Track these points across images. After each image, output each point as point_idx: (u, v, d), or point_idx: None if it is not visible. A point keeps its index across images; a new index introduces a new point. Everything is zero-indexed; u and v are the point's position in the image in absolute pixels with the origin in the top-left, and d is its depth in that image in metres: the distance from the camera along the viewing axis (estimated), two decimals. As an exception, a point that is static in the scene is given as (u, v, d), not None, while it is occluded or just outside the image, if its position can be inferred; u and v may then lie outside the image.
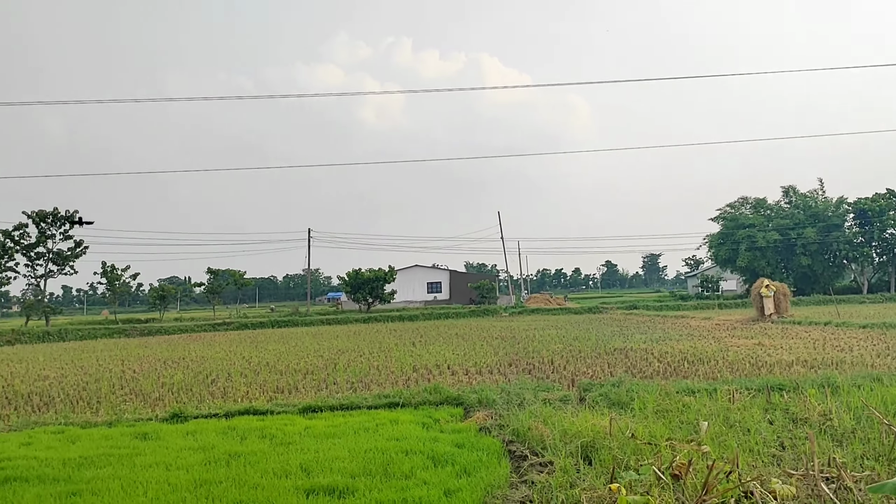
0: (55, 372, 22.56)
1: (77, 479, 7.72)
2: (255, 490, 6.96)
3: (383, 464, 7.91)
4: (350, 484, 7.11)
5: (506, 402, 11.47)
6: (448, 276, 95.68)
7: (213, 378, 18.72)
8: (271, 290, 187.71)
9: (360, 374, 18.20)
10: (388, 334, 36.30)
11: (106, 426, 11.51)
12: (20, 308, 76.22)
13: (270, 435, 9.91)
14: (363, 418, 11.07)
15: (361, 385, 16.20)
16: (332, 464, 7.98)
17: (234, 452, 8.75)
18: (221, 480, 7.39)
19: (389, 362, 20.82)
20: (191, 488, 7.12)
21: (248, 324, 54.42)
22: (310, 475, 7.56)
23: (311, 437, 9.73)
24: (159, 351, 31.16)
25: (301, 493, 6.83)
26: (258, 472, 7.69)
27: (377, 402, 12.52)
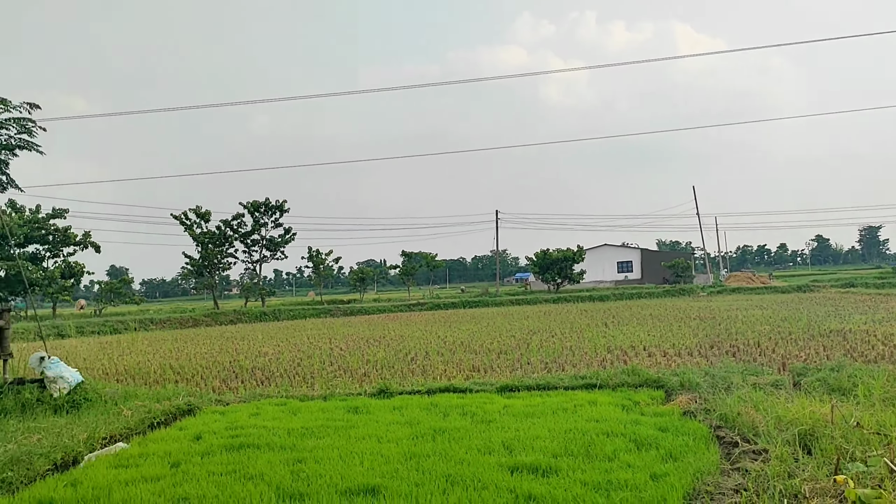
0: (272, 349, 24.70)
1: (300, 448, 8.42)
2: (462, 465, 7.19)
3: (584, 445, 7.87)
4: (552, 463, 7.15)
5: (711, 385, 10.97)
6: (639, 254, 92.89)
7: (413, 356, 19.58)
8: (461, 272, 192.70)
9: (554, 354, 18.21)
10: (579, 315, 35.97)
11: (321, 400, 12.44)
12: (239, 290, 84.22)
13: (471, 412, 10.20)
14: (560, 399, 11.08)
15: (556, 366, 16.21)
16: (533, 443, 8.07)
17: (439, 428, 9.10)
18: (429, 454, 7.72)
19: (582, 343, 20.64)
20: (402, 460, 7.52)
21: (441, 304, 56.28)
22: (512, 453, 7.70)
23: (511, 415, 9.89)
24: (361, 330, 33.11)
25: (505, 470, 6.97)
26: (462, 448, 7.95)
27: (573, 382, 12.47)
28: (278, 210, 64.92)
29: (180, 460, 8.07)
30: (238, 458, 8.04)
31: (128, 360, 22.94)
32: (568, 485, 6.44)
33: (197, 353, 24.63)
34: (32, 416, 11.61)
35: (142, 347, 28.50)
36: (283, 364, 19.46)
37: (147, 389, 14.93)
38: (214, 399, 13.24)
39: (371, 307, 56.71)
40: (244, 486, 6.76)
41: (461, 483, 6.59)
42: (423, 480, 6.71)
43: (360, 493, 6.41)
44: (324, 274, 76.54)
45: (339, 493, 6.44)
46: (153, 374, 18.76)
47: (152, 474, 7.45)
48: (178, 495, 6.58)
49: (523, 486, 6.39)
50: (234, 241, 65.12)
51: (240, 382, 16.57)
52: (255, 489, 6.64)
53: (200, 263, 63.92)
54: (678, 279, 74.53)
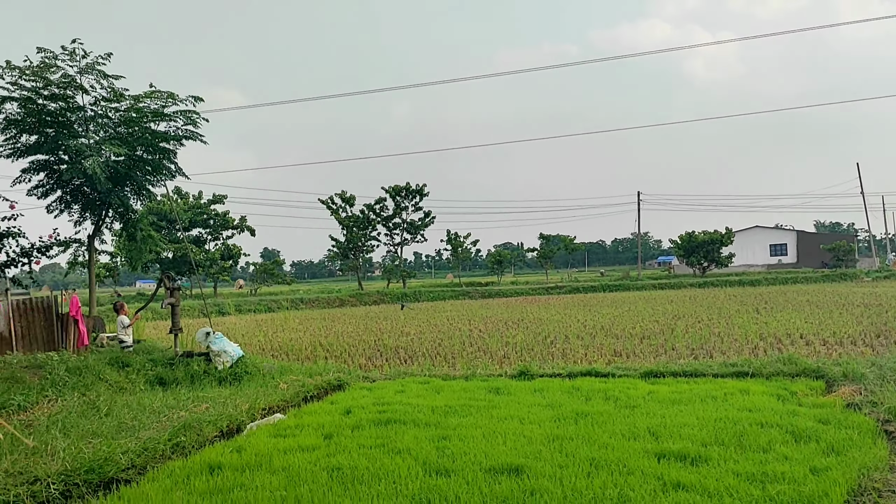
0: (414, 329, 25.38)
1: (444, 426, 8.62)
2: (606, 450, 7.10)
3: (736, 434, 7.55)
4: (702, 452, 6.91)
5: (878, 377, 10.17)
6: (794, 236, 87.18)
7: (552, 339, 19.49)
8: (600, 255, 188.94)
9: (701, 340, 17.53)
10: (727, 300, 34.38)
11: (463, 379, 12.66)
12: (381, 272, 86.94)
13: (614, 397, 10.03)
14: (709, 386, 10.67)
15: (703, 352, 15.62)
16: (680, 430, 7.83)
17: (581, 412, 9.02)
18: (572, 437, 7.68)
19: (732, 329, 19.73)
20: (544, 442, 7.52)
21: (580, 287, 55.56)
22: (658, 440, 7.51)
23: (656, 401, 9.64)
24: (499, 312, 33.32)
25: (651, 457, 6.81)
26: (606, 433, 7.84)
27: (723, 370, 11.97)
28: (418, 194, 66.39)
29: (332, 432, 8.49)
30: (386, 432, 8.36)
31: (281, 336, 24.35)
32: (719, 475, 6.21)
33: (343, 331, 25.75)
34: (200, 387, 12.60)
35: (293, 325, 30.15)
36: (424, 344, 19.96)
37: (300, 365, 15.80)
38: (362, 376, 13.80)
39: (509, 290, 56.89)
40: (392, 460, 7.02)
41: (606, 467, 6.51)
42: (567, 463, 6.69)
43: (505, 473, 6.48)
44: (462, 257, 77.53)
45: (483, 470, 6.55)
46: (304, 350, 19.81)
47: (308, 444, 7.89)
48: (332, 465, 6.92)
49: (671, 474, 6.23)
50: (377, 224, 67.32)
51: (384, 360, 17.17)
52: (403, 463, 6.87)
53: (346, 246, 66.66)
54: (839, 263, 69.35)
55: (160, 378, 13.14)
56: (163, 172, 16.83)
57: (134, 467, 7.19)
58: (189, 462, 7.34)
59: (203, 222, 59.49)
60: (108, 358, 13.57)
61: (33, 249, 16.17)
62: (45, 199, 16.57)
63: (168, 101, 16.08)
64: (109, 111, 16.11)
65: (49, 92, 15.19)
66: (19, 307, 14.51)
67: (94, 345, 15.79)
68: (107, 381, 12.25)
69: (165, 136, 16.40)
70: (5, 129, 15.55)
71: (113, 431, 8.44)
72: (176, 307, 14.98)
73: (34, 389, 11.10)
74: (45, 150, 15.78)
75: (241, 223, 61.46)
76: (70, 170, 15.29)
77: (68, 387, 11.49)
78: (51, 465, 6.78)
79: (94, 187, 15.55)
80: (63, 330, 15.09)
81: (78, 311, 15.04)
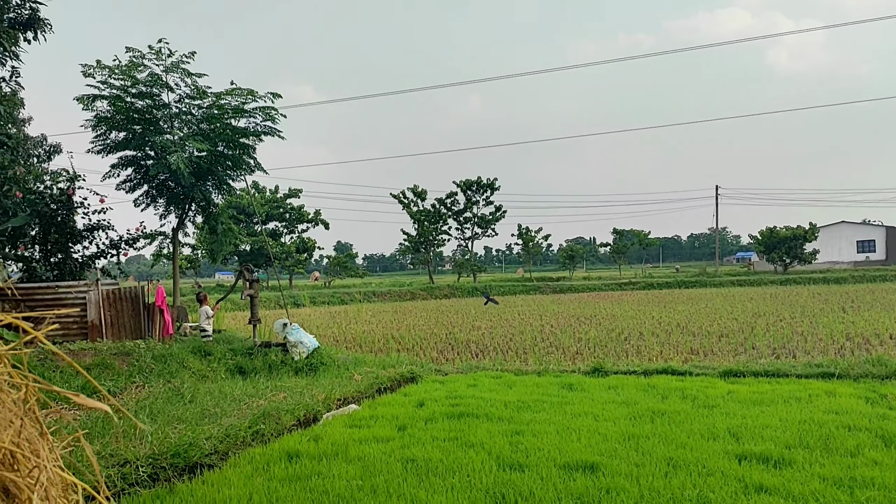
0: (486, 323, 25.39)
1: (517, 420, 8.59)
2: (684, 449, 6.94)
3: (822, 437, 7.27)
4: (785, 454, 6.67)
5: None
6: (883, 232, 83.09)
7: (626, 336, 19.18)
8: (675, 250, 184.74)
9: (783, 340, 16.94)
10: (811, 298, 33.11)
11: (535, 375, 12.59)
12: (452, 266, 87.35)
13: (692, 396, 9.80)
14: (792, 387, 10.30)
15: (785, 352, 15.09)
16: (762, 432, 7.59)
17: (657, 410, 8.85)
18: (648, 436, 7.54)
19: (816, 329, 18.99)
20: (620, 440, 7.41)
21: (654, 284, 54.49)
22: (739, 441, 7.30)
23: (736, 402, 9.37)
24: (571, 308, 32.99)
25: (732, 458, 6.63)
26: (684, 432, 7.67)
27: (807, 371, 11.54)
28: (489, 188, 66.29)
29: (406, 424, 8.58)
30: (459, 425, 8.39)
31: (354, 328, 24.75)
32: (804, 478, 5.99)
33: (415, 324, 25.97)
34: (277, 376, 12.93)
35: (366, 318, 30.60)
36: (495, 338, 19.94)
37: (373, 357, 16.02)
38: (434, 369, 13.89)
39: (580, 285, 56.28)
40: (466, 453, 7.04)
41: (684, 467, 6.37)
42: (644, 461, 6.57)
43: (579, 470, 6.41)
44: (533, 251, 77.10)
45: (557, 467, 6.50)
46: (377, 342, 20.08)
47: (382, 435, 8.00)
48: (406, 456, 7.00)
49: (753, 476, 6.04)
50: (448, 218, 67.58)
51: (455, 354, 17.23)
52: (477, 457, 6.89)
53: (417, 240, 67.14)
54: (931, 261, 65.89)
55: (240, 367, 13.55)
56: (242, 167, 17.32)
57: (216, 453, 7.43)
58: (268, 449, 7.54)
59: (279, 216, 60.95)
60: (191, 347, 14.08)
61: (121, 242, 16.94)
62: (132, 193, 17.30)
63: (248, 97, 16.53)
64: (193, 108, 16.69)
65: (137, 90, 15.83)
66: (109, 296, 15.19)
67: (178, 334, 16.41)
68: (190, 369, 12.71)
69: (245, 131, 16.87)
70: (96, 126, 16.29)
71: (196, 418, 8.75)
72: (255, 298, 15.41)
73: (123, 375, 11.62)
74: (133, 146, 16.46)
75: (315, 217, 62.68)
76: (156, 165, 15.90)
77: (154, 374, 11.98)
78: (139, 449, 7.08)
79: (178, 182, 16.13)
80: (149, 319, 15.72)
81: (163, 301, 15.65)
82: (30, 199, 15.62)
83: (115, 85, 15.67)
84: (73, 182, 16.26)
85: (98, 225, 16.57)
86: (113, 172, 17.11)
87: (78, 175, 16.37)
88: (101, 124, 16.29)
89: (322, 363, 13.89)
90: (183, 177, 15.30)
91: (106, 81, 15.59)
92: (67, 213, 16.08)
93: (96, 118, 16.17)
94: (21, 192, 15.16)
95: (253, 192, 58.26)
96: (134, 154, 16.89)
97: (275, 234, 61.31)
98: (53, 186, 16.33)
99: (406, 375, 12.87)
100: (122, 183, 17.22)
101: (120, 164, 16.99)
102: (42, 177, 17.14)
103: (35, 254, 16.29)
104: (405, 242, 69.18)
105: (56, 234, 15.97)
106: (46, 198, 15.96)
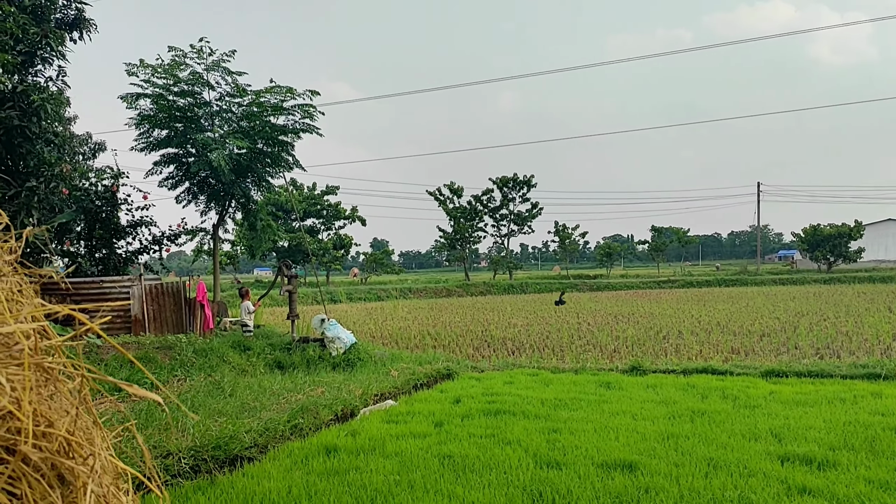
0: (522, 320, 25.31)
1: (554, 418, 8.55)
2: (724, 450, 6.84)
3: (867, 439, 7.10)
4: (829, 456, 6.54)
5: None
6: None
7: (665, 335, 18.96)
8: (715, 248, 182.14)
9: (827, 339, 16.60)
10: (856, 297, 32.36)
11: (572, 373, 12.52)
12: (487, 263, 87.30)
13: (732, 396, 9.66)
14: (837, 388, 10.09)
15: (829, 352, 14.78)
16: (805, 433, 7.44)
17: (697, 410, 8.73)
18: (688, 435, 7.44)
19: (861, 329, 18.56)
20: (659, 439, 7.33)
21: (693, 282, 53.76)
22: (781, 442, 7.17)
23: (778, 402, 9.21)
24: (608, 305, 32.72)
25: (774, 459, 6.51)
26: (724, 432, 7.55)
27: (852, 371, 11.29)
28: (525, 185, 66.08)
29: (443, 420, 8.60)
30: (495, 422, 8.38)
31: (391, 325, 24.88)
32: (849, 481, 5.86)
33: (451, 321, 26.00)
34: (315, 371, 13.06)
35: (402, 314, 30.72)
36: (532, 336, 19.87)
37: (409, 353, 16.08)
38: (470, 366, 13.90)
39: (618, 283, 55.77)
40: (503, 450, 7.03)
41: (725, 467, 6.27)
42: (683, 461, 6.49)
43: (618, 468, 6.36)
44: (569, 248, 76.70)
45: (595, 465, 6.45)
46: (413, 339, 20.16)
47: (419, 431, 8.03)
48: (443, 453, 7.01)
49: (796, 478, 5.93)
50: (484, 215, 67.52)
51: (491, 351, 17.21)
52: (514, 454, 6.87)
53: (453, 237, 67.23)
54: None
55: (278, 362, 13.71)
56: (281, 164, 17.51)
57: (256, 446, 7.53)
58: (307, 443, 7.62)
59: (317, 213, 61.55)
60: (231, 341, 14.28)
61: (164, 237, 17.26)
62: (174, 190, 17.61)
63: (286, 95, 16.69)
64: (233, 106, 16.91)
65: (179, 88, 16.09)
66: (151, 291, 15.49)
67: (218, 328, 16.66)
68: (230, 364, 12.90)
69: (284, 129, 17.04)
70: (139, 123, 16.61)
71: (237, 411, 8.88)
72: (293, 294, 15.57)
73: (165, 369, 11.85)
74: (175, 143, 16.74)
75: (352, 213, 63.14)
76: (197, 162, 16.15)
77: (195, 367, 12.19)
78: (181, 441, 7.20)
79: (218, 179, 16.37)
80: (190, 314, 16.00)
81: (204, 296, 15.91)
82: (76, 195, 16.00)
83: (157, 83, 15.96)
84: (117, 179, 16.62)
85: (141, 221, 16.91)
86: (155, 169, 17.44)
87: (122, 172, 16.74)
88: (145, 122, 16.61)
89: (359, 359, 13.98)
90: (223, 174, 15.52)
91: (149, 80, 15.89)
92: (112, 210, 16.44)
93: (140, 116, 16.49)
94: (67, 189, 15.53)
95: (291, 190, 58.89)
96: (176, 151, 17.18)
97: (312, 231, 61.90)
98: (98, 183, 16.70)
99: (442, 372, 12.90)
100: (164, 180, 17.54)
101: (162, 162, 17.30)
102: (87, 174, 17.55)
103: (80, 249, 16.68)
104: (441, 239, 69.34)
105: (101, 230, 16.33)
106: (91, 194, 16.33)
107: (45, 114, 13.63)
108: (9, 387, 1.12)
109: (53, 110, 13.95)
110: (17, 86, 13.53)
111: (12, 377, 1.15)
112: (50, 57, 14.75)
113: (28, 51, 14.00)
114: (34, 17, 13.92)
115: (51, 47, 14.38)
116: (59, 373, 1.34)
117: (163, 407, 1.38)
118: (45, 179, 14.63)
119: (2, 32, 12.45)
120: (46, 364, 1.27)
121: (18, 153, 13.87)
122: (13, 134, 13.49)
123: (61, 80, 15.52)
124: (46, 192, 14.43)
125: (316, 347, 14.39)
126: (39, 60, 14.58)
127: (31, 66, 14.52)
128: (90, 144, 25.16)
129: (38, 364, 1.24)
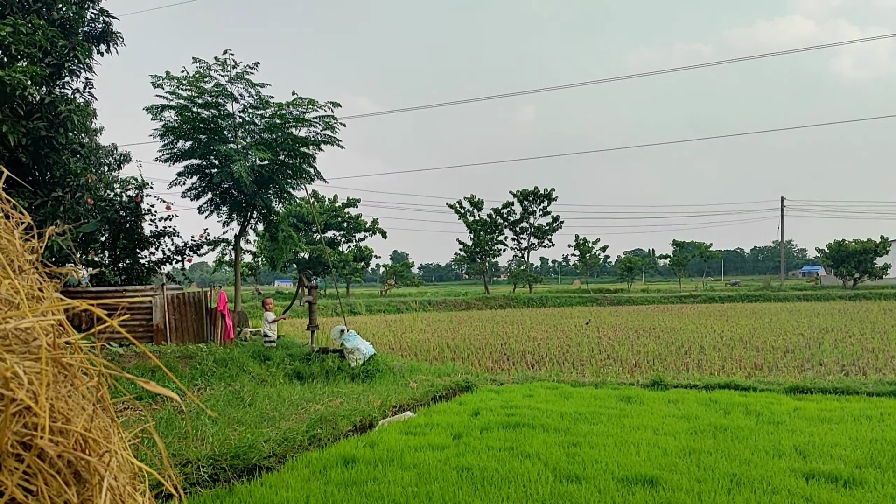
0: (541, 334, 25.18)
1: (574, 432, 8.46)
2: (747, 466, 6.73)
3: (895, 457, 6.96)
4: (856, 474, 6.40)
5: None
6: (959, 247, 79.52)
7: (686, 349, 18.77)
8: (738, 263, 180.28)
9: (852, 356, 16.33)
10: (882, 314, 31.85)
11: (592, 387, 12.41)
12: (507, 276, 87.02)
13: (756, 412, 9.51)
14: (863, 405, 9.91)
15: (854, 369, 14.54)
16: (830, 450, 7.30)
17: (720, 425, 8.61)
18: (710, 451, 7.33)
19: (888, 345, 18.26)
20: (680, 454, 7.23)
21: (715, 297, 53.27)
22: (806, 459, 7.04)
23: (802, 419, 9.05)
24: (629, 320, 32.47)
25: (799, 476, 6.39)
26: (747, 449, 7.43)
27: (879, 388, 11.09)
28: (546, 198, 65.97)
29: (461, 433, 8.54)
30: (514, 435, 8.31)
31: (410, 337, 24.85)
32: (876, 499, 5.74)
33: (470, 334, 25.92)
34: (334, 382, 13.06)
35: (421, 326, 30.70)
36: (552, 349, 19.75)
37: (428, 365, 16.04)
38: (489, 378, 13.82)
39: (639, 297, 55.35)
40: (522, 463, 6.96)
41: (748, 484, 6.17)
42: (705, 477, 6.39)
43: (638, 483, 6.27)
44: (590, 262, 76.35)
45: (615, 480, 6.37)
46: (432, 351, 20.12)
47: (437, 443, 7.98)
48: (462, 465, 6.96)
49: (822, 496, 5.81)
50: (504, 228, 67.47)
51: (511, 364, 17.12)
52: (533, 467, 6.81)
53: (472, 250, 67.21)
54: None
55: (297, 372, 13.73)
56: (303, 176, 17.58)
57: (274, 455, 7.53)
58: (325, 454, 7.60)
59: (337, 224, 61.79)
60: (251, 351, 14.34)
61: (186, 248, 17.41)
62: (197, 200, 17.73)
63: (308, 107, 16.78)
64: (256, 117, 17.04)
65: (203, 100, 16.24)
66: (173, 301, 15.60)
67: (239, 338, 16.74)
68: (250, 373, 12.94)
69: (306, 140, 17.13)
70: (164, 135, 16.77)
71: (256, 421, 8.89)
72: (313, 305, 15.61)
73: (185, 377, 11.91)
74: (199, 154, 16.89)
75: (372, 225, 63.32)
76: (220, 173, 16.27)
77: (215, 377, 12.24)
78: (201, 449, 7.22)
79: (240, 190, 16.48)
80: (211, 323, 16.09)
81: (225, 306, 16.00)
82: (100, 206, 16.18)
83: (182, 95, 16.12)
84: (141, 189, 16.79)
85: (164, 231, 17.06)
86: (179, 180, 17.58)
87: (146, 183, 16.90)
88: (169, 133, 16.77)
89: (378, 370, 13.97)
90: (245, 185, 15.62)
91: (174, 92, 16.05)
92: (135, 220, 16.60)
93: (164, 127, 16.66)
94: (92, 199, 15.73)
95: (313, 201, 59.22)
96: (199, 163, 17.32)
97: (333, 243, 62.15)
98: (123, 194, 16.89)
99: (461, 384, 12.84)
100: (187, 191, 17.67)
101: (186, 173, 17.44)
102: (112, 184, 17.75)
103: (104, 259, 16.85)
104: (461, 252, 69.32)
105: (124, 239, 16.50)
106: (116, 205, 16.51)
107: (71, 125, 13.83)
108: (26, 380, 1.12)
109: (80, 121, 14.15)
110: (44, 97, 13.75)
111: (30, 371, 1.15)
112: (77, 69, 14.97)
113: (56, 63, 14.22)
114: (62, 29, 14.15)
115: (78, 59, 14.60)
116: (77, 370, 1.33)
117: (180, 406, 1.37)
118: (70, 189, 14.82)
119: (31, 45, 12.65)
120: (64, 360, 1.27)
121: (45, 163, 14.07)
122: (40, 144, 13.69)
123: (88, 92, 15.75)
124: (72, 201, 14.62)
125: (335, 358, 14.40)
126: (67, 72, 14.81)
127: (58, 78, 14.74)
128: (115, 155, 25.46)
129: (56, 359, 1.24)
